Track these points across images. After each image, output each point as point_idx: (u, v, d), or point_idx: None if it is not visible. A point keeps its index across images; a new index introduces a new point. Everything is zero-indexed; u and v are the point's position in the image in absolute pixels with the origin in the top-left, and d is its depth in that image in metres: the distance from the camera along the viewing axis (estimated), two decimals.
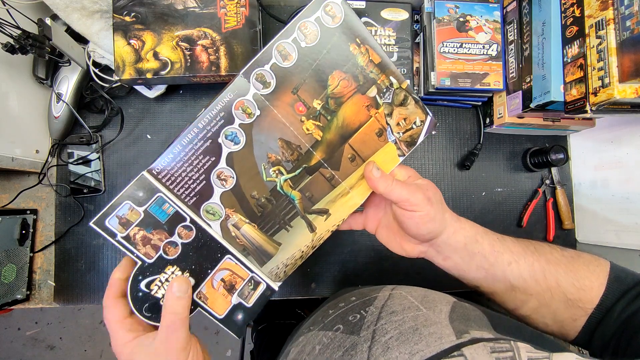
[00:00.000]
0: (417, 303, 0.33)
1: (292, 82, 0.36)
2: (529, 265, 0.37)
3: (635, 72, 0.43)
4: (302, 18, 0.32)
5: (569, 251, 0.39)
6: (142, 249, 0.34)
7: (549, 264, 0.37)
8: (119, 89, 0.64)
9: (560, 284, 0.36)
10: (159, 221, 0.34)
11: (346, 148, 0.39)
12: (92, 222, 0.33)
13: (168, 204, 0.35)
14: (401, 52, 0.65)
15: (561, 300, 0.36)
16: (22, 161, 0.58)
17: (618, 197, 0.63)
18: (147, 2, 0.56)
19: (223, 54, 0.56)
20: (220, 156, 0.36)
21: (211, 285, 0.36)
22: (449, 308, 0.32)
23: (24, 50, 0.51)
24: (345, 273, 0.66)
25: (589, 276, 0.36)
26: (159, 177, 0.34)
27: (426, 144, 0.70)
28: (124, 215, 0.33)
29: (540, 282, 0.37)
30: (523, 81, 0.59)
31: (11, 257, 0.58)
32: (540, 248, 0.39)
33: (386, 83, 0.36)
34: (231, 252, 0.37)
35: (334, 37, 0.34)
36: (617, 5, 0.45)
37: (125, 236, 0.33)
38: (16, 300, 0.59)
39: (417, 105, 0.38)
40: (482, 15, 0.63)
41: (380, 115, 0.39)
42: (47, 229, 0.64)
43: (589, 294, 0.36)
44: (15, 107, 0.57)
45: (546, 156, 0.66)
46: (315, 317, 0.40)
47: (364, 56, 0.35)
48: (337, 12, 0.32)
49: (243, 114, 0.35)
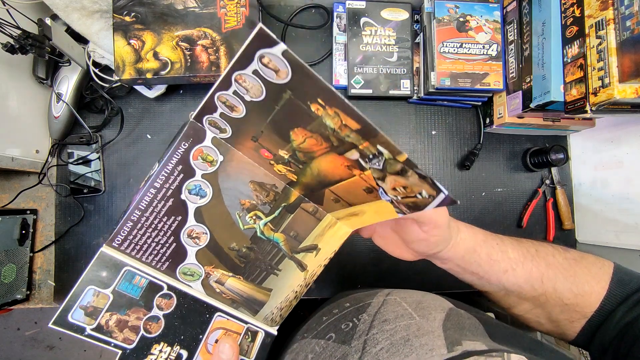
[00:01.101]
0: (410, 310, 0.33)
1: (249, 131, 0.30)
2: (526, 272, 0.36)
3: (635, 72, 0.43)
4: (236, 69, 0.24)
5: (572, 253, 0.38)
6: (120, 335, 0.30)
7: (549, 268, 0.36)
8: (119, 89, 0.64)
9: (558, 289, 0.36)
10: (133, 298, 0.30)
11: (327, 192, 0.34)
12: (51, 323, 0.28)
13: (139, 276, 0.31)
14: (401, 52, 0.65)
15: (556, 304, 0.36)
16: (22, 161, 0.58)
17: (618, 197, 0.63)
18: (147, 2, 0.56)
19: (223, 54, 0.56)
20: (187, 213, 0.32)
21: (206, 351, 0.32)
22: (444, 316, 0.31)
23: (24, 50, 0.51)
24: (345, 274, 0.66)
25: (589, 280, 0.36)
26: (121, 248, 0.30)
27: (426, 144, 0.70)
28: (88, 303, 0.29)
29: (536, 287, 0.36)
30: (523, 81, 0.59)
31: (11, 257, 0.58)
32: (542, 251, 0.38)
33: (372, 150, 0.26)
34: (220, 309, 0.34)
35: (285, 94, 0.25)
36: (617, 5, 0.45)
37: (95, 327, 0.29)
38: (16, 300, 0.59)
39: (424, 181, 0.26)
40: (482, 15, 0.63)
41: (368, 176, 0.29)
42: (47, 229, 0.64)
43: (587, 299, 0.35)
44: (15, 107, 0.57)
45: (546, 156, 0.66)
46: (310, 324, 0.40)
47: (333, 119, 0.25)
48: (279, 65, 0.23)
49: (204, 163, 0.31)
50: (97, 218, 0.64)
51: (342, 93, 0.68)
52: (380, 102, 0.69)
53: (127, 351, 0.30)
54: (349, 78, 0.65)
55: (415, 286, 0.51)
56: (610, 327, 0.34)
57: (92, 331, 0.29)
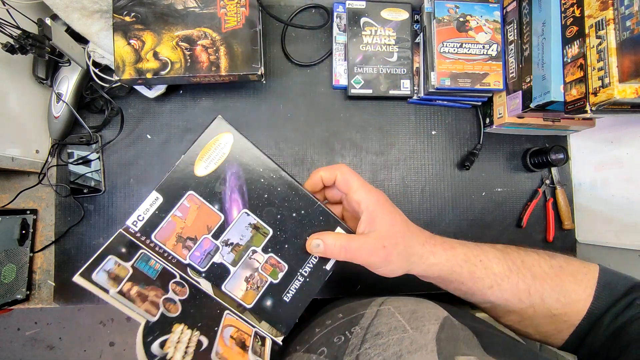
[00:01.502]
0: (404, 322, 0.32)
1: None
2: (512, 286, 0.36)
3: (635, 72, 0.43)
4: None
5: (557, 259, 0.38)
6: (142, 305, 0.29)
7: (535, 279, 0.36)
8: (119, 89, 0.64)
9: (545, 300, 0.35)
10: (150, 277, 0.31)
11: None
12: (77, 275, 0.28)
13: (154, 260, 0.32)
14: (401, 52, 0.66)
15: (545, 315, 0.36)
16: (22, 161, 0.58)
17: (618, 197, 0.63)
18: (147, 2, 0.56)
19: (223, 54, 0.56)
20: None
21: (224, 343, 0.32)
22: (437, 327, 0.31)
23: (24, 50, 0.51)
24: (345, 274, 0.66)
25: (575, 289, 0.35)
26: (136, 235, 0.32)
27: (426, 144, 0.70)
28: (111, 270, 0.30)
29: (523, 300, 0.36)
30: (523, 81, 0.59)
31: (11, 257, 0.58)
32: (527, 261, 0.37)
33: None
34: (228, 308, 0.34)
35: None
36: (617, 5, 0.45)
37: (119, 291, 0.29)
38: (16, 300, 0.59)
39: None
40: (482, 15, 0.63)
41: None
42: (47, 229, 0.64)
43: (575, 307, 0.35)
44: (15, 107, 0.57)
45: (546, 156, 0.66)
46: (302, 335, 0.39)
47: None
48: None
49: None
50: (97, 218, 0.64)
51: (342, 93, 0.69)
52: (380, 102, 0.69)
53: (150, 322, 0.29)
54: (349, 78, 0.65)
55: (416, 286, 0.51)
56: (599, 334, 0.33)
57: (116, 294, 0.29)
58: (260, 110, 0.67)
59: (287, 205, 0.35)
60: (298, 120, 0.67)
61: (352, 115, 0.68)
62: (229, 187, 0.34)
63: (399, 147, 0.69)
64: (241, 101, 0.67)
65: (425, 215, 0.69)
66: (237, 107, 0.67)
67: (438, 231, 0.67)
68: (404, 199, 0.69)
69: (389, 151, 0.69)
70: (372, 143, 0.69)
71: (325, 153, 0.68)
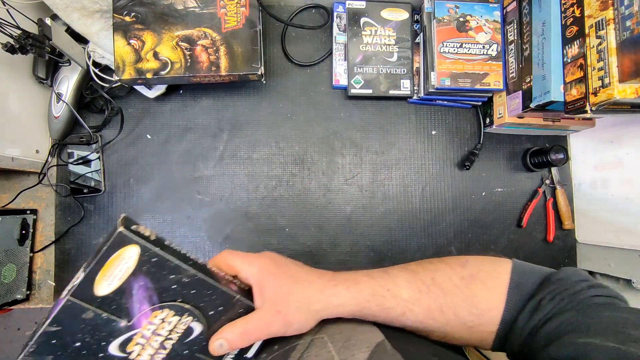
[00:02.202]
0: (334, 353, 0.31)
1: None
2: (424, 309, 0.36)
3: (635, 72, 0.43)
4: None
5: (469, 268, 0.37)
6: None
7: (446, 296, 0.35)
8: (119, 89, 0.64)
9: (459, 314, 0.35)
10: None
11: None
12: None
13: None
14: (401, 52, 0.66)
15: (462, 329, 0.36)
16: (22, 161, 0.58)
17: (618, 197, 0.63)
18: (147, 2, 0.56)
19: (223, 54, 0.56)
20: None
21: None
22: (367, 356, 0.30)
23: (24, 50, 0.51)
24: None
25: (487, 297, 0.35)
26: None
27: (426, 143, 0.70)
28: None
29: (438, 319, 0.36)
30: (523, 81, 0.59)
31: (11, 257, 0.58)
32: (438, 277, 0.37)
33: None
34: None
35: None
36: (617, 5, 0.45)
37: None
38: (16, 300, 0.59)
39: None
40: (482, 15, 0.63)
41: None
42: (47, 229, 0.64)
43: (488, 316, 0.35)
44: (16, 107, 0.57)
45: (546, 156, 0.66)
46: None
47: None
48: None
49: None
50: (97, 218, 0.64)
51: (342, 93, 0.68)
52: (380, 102, 0.69)
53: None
54: (349, 78, 0.65)
55: None
56: (516, 337, 0.33)
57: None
58: (260, 110, 0.67)
59: (202, 305, 0.33)
60: (298, 120, 0.67)
61: (352, 115, 0.68)
62: (136, 300, 0.32)
63: (399, 146, 0.69)
64: (241, 101, 0.67)
65: (425, 215, 0.69)
66: (237, 107, 0.67)
67: (438, 231, 0.69)
68: (404, 199, 0.69)
69: (389, 151, 0.69)
70: (372, 142, 0.69)
71: (325, 152, 0.68)
